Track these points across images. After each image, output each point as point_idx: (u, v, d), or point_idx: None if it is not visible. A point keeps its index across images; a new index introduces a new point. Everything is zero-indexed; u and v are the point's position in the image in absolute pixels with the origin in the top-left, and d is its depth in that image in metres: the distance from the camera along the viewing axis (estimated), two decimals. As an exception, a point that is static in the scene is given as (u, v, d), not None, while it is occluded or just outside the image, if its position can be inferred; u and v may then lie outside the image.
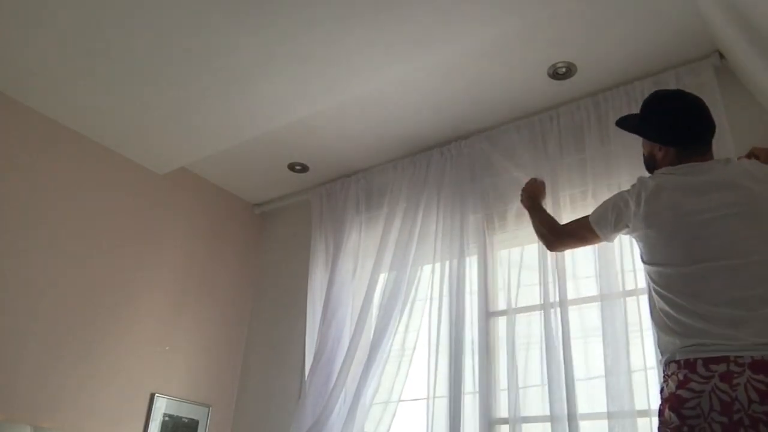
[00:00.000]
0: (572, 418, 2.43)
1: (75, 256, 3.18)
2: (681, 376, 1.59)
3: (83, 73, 2.88)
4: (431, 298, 3.05)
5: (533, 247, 2.82)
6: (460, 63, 2.84)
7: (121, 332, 3.29)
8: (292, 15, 2.47)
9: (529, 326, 2.70)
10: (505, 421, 2.68)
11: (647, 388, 2.34)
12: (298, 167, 3.77)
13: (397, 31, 2.53)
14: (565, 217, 2.81)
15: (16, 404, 2.83)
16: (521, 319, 2.74)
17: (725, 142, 2.48)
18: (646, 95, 2.72)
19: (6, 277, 2.91)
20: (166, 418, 3.32)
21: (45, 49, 2.74)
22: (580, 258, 2.72)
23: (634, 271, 2.52)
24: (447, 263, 3.05)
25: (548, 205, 2.85)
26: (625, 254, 2.56)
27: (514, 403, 2.60)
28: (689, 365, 1.58)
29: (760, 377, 1.48)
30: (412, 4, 2.39)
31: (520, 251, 2.87)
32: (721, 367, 1.53)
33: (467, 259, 3.01)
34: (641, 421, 2.32)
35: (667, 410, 1.60)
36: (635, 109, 2.75)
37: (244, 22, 2.52)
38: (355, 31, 2.54)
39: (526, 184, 2.76)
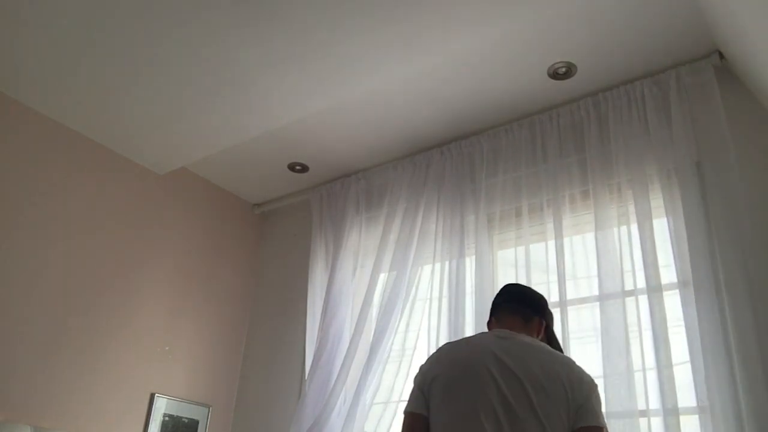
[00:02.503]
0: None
1: (75, 256, 3.18)
2: None
3: (83, 74, 2.88)
4: (431, 298, 3.05)
5: (533, 247, 2.83)
6: (460, 63, 2.84)
7: (121, 332, 3.30)
8: (292, 16, 2.47)
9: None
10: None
11: (646, 389, 2.35)
12: (298, 167, 3.77)
13: (397, 31, 2.53)
14: (565, 218, 2.81)
15: (16, 404, 2.83)
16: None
17: (724, 143, 2.49)
18: (646, 95, 2.75)
19: (5, 277, 2.91)
20: (166, 418, 3.33)
21: (45, 49, 2.74)
22: (580, 258, 2.72)
23: (633, 271, 2.52)
24: (447, 263, 3.05)
25: (549, 206, 2.85)
26: (624, 255, 2.56)
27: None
28: None
29: None
30: (411, 4, 2.39)
31: (520, 251, 2.86)
32: None
33: (467, 259, 3.01)
34: (641, 422, 2.32)
35: None
36: (635, 109, 2.77)
37: (244, 22, 2.52)
38: (355, 31, 2.54)
39: None
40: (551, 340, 1.98)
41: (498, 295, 2.01)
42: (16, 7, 2.51)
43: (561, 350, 2.00)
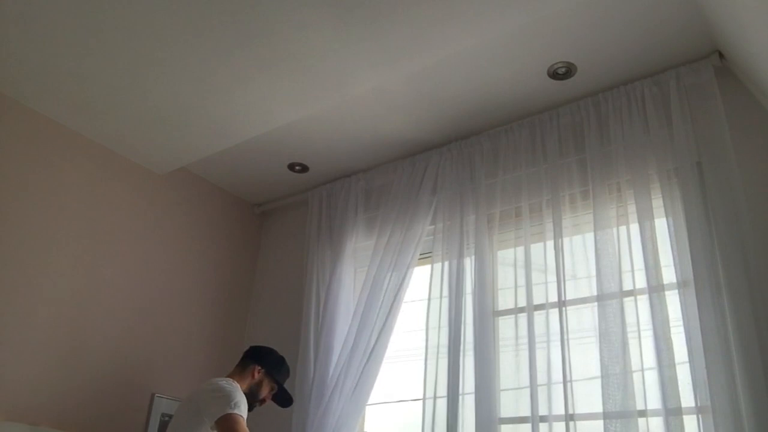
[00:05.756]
0: (569, 418, 2.43)
1: (74, 256, 3.18)
2: None
3: (83, 73, 2.88)
4: (431, 298, 3.04)
5: (533, 247, 2.82)
6: (459, 63, 2.84)
7: (121, 332, 3.30)
8: (291, 16, 2.47)
9: (529, 326, 2.69)
10: (503, 421, 2.68)
11: (644, 389, 2.34)
12: (298, 167, 3.77)
13: (396, 31, 2.53)
14: (565, 218, 2.81)
15: (16, 404, 2.83)
16: (521, 319, 2.73)
17: (724, 143, 2.49)
18: (646, 95, 2.75)
19: (5, 277, 2.91)
20: (166, 418, 3.32)
21: (44, 49, 2.74)
22: (580, 258, 2.72)
23: (632, 271, 2.52)
24: (447, 263, 3.05)
25: (548, 206, 2.85)
26: (623, 255, 2.56)
27: (514, 403, 2.61)
28: None
29: None
30: (411, 5, 2.39)
31: (520, 251, 2.87)
32: None
33: (467, 259, 3.01)
34: (641, 422, 2.32)
35: None
36: (635, 109, 2.78)
37: (242, 22, 2.52)
38: (354, 31, 2.54)
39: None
40: (276, 381, 2.91)
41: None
42: (16, 7, 2.51)
43: (285, 390, 2.95)
